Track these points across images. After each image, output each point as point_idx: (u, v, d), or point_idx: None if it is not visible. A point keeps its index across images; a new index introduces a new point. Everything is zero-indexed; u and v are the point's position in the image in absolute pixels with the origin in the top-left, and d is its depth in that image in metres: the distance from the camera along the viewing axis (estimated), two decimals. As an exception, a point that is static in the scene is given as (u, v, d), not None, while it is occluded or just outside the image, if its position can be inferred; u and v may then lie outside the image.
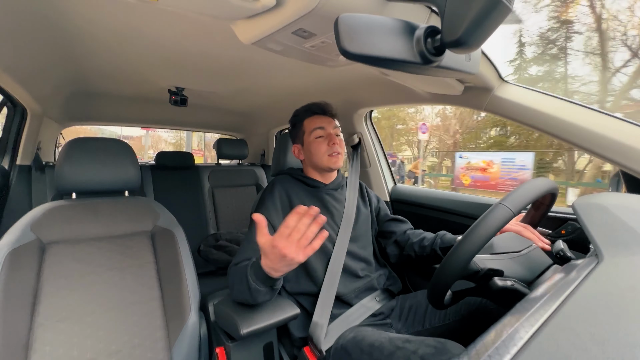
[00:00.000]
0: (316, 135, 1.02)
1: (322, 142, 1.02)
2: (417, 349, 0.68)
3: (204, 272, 1.63)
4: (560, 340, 0.32)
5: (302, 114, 1.08)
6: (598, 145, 0.73)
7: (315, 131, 1.02)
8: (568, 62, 10.63)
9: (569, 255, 0.65)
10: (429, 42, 0.45)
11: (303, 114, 1.07)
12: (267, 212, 0.95)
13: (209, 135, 10.02)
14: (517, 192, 0.63)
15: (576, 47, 10.07)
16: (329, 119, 1.05)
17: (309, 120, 1.05)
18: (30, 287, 0.76)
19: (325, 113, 1.06)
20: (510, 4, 0.37)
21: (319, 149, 1.01)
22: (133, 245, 0.92)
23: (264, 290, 0.74)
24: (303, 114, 1.07)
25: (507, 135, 11.97)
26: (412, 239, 1.06)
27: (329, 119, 1.05)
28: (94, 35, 0.95)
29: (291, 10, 0.57)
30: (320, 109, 1.06)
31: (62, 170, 0.88)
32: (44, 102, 1.38)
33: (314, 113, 1.06)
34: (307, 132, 1.04)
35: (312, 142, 1.03)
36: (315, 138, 1.02)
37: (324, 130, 1.02)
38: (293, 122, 1.11)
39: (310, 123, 1.05)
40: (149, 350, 0.81)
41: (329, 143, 1.01)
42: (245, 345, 0.85)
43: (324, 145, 1.01)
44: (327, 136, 1.02)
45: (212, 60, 1.16)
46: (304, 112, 1.07)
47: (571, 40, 10.28)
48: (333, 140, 1.01)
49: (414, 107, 13.73)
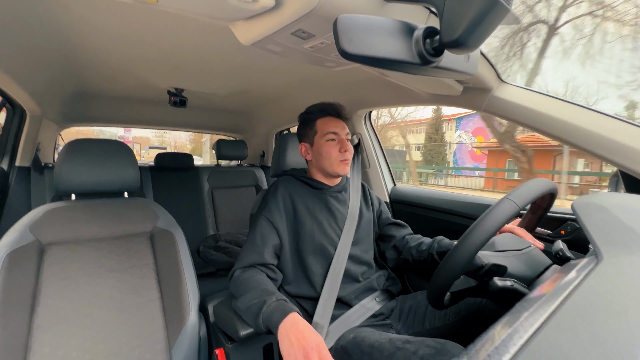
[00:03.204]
0: (328, 139, 1.00)
1: (335, 147, 0.99)
2: (417, 350, 0.68)
3: (203, 273, 1.63)
4: (559, 340, 0.32)
5: (316, 113, 1.04)
6: (597, 145, 0.73)
7: (329, 134, 1.00)
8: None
9: (569, 256, 0.65)
10: (428, 43, 0.45)
11: (317, 114, 1.04)
12: (270, 213, 0.95)
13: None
14: (523, 188, 0.64)
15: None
16: (342, 124, 1.03)
17: (323, 122, 1.02)
18: (29, 289, 0.76)
19: (339, 116, 1.03)
20: (508, 4, 0.37)
21: (331, 154, 0.99)
22: (132, 247, 0.92)
23: (264, 331, 0.73)
24: (317, 114, 1.04)
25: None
26: (410, 244, 1.06)
27: (342, 124, 1.03)
28: (93, 36, 0.95)
29: (290, 11, 0.57)
30: (335, 111, 1.03)
31: (61, 171, 0.88)
32: (43, 103, 1.38)
33: (328, 114, 1.03)
34: (319, 133, 1.01)
35: (324, 144, 1.00)
36: (327, 141, 1.00)
37: (337, 136, 1.00)
38: (304, 119, 1.07)
39: (324, 125, 1.01)
40: (148, 351, 0.81)
41: (341, 149, 0.99)
42: (245, 346, 0.85)
43: (335, 151, 0.99)
44: (340, 142, 1.00)
45: (212, 61, 1.16)
46: (319, 112, 1.04)
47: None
48: (345, 147, 0.99)
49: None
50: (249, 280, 0.82)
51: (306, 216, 0.97)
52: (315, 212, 0.98)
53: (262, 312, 0.72)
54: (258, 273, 0.86)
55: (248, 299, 0.77)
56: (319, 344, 0.62)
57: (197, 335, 0.87)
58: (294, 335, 0.64)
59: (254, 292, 0.78)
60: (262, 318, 0.72)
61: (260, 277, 0.84)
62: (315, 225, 0.97)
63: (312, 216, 0.97)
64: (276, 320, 0.68)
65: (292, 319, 0.68)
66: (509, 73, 6.78)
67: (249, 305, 0.76)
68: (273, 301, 0.73)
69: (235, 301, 0.82)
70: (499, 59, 6.80)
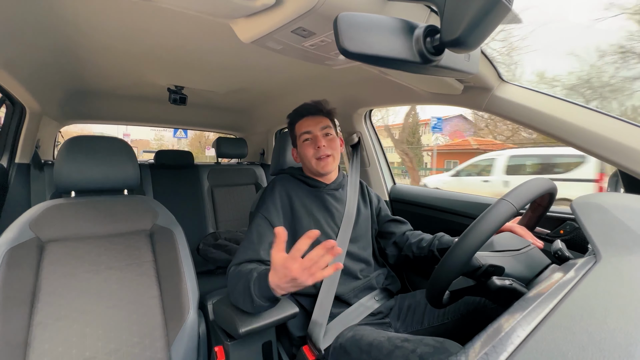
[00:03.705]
0: (304, 139, 1.01)
1: (309, 146, 1.00)
2: (415, 348, 0.68)
3: (203, 271, 1.63)
4: (557, 339, 0.32)
5: (293, 117, 1.06)
6: (597, 145, 0.73)
7: (303, 135, 1.01)
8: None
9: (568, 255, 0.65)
10: (429, 42, 0.45)
11: (294, 117, 1.06)
12: (268, 212, 0.95)
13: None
14: (520, 189, 0.64)
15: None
16: (317, 119, 1.02)
17: (299, 124, 1.04)
18: (29, 286, 0.76)
19: (313, 113, 1.03)
20: (509, 3, 0.37)
21: (306, 153, 1.00)
22: (132, 244, 0.92)
23: (266, 305, 0.74)
24: (294, 117, 1.06)
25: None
26: (410, 240, 1.06)
27: (317, 119, 1.02)
28: (93, 33, 0.95)
29: (291, 9, 0.57)
30: (307, 110, 1.03)
31: (61, 168, 0.88)
32: (43, 100, 1.37)
33: (302, 116, 1.04)
34: (297, 136, 1.03)
35: (301, 145, 1.02)
36: (303, 142, 1.01)
37: (310, 134, 1.01)
38: (288, 125, 1.09)
39: (299, 127, 1.03)
40: (147, 348, 0.81)
41: (315, 146, 0.99)
42: (244, 344, 0.85)
43: (310, 149, 1.00)
44: (314, 139, 1.00)
45: (212, 58, 1.16)
46: (295, 115, 1.06)
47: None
48: (319, 143, 0.99)
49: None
50: (239, 273, 0.82)
51: (303, 214, 0.97)
52: (313, 210, 0.99)
53: (253, 294, 0.72)
54: (250, 266, 0.87)
55: (239, 290, 0.78)
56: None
57: (197, 332, 0.88)
58: (283, 276, 0.65)
59: (243, 281, 0.78)
60: (255, 294, 0.72)
61: (249, 267, 0.84)
62: (312, 222, 0.97)
63: (309, 214, 0.98)
64: (265, 287, 0.69)
65: (272, 275, 0.69)
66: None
67: (241, 294, 0.77)
68: (255, 277, 0.74)
69: (230, 296, 0.82)
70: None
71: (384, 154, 1.64)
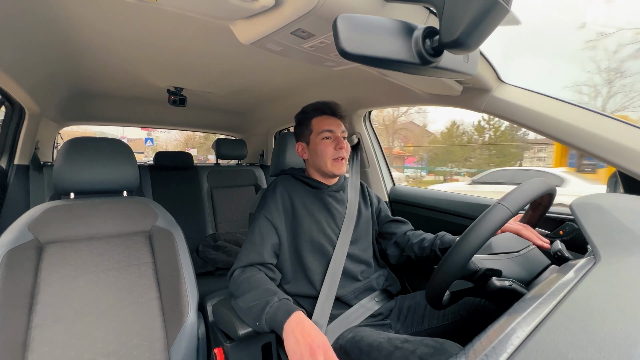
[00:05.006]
0: (324, 137, 1.00)
1: (329, 145, 0.99)
2: (415, 349, 0.68)
3: (202, 272, 1.63)
4: (557, 339, 0.32)
5: (311, 112, 1.05)
6: (596, 146, 0.73)
7: (324, 132, 1.00)
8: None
9: (567, 256, 0.65)
10: (427, 43, 0.45)
11: (312, 113, 1.04)
12: (269, 212, 0.95)
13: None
14: (516, 192, 0.63)
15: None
16: (338, 122, 1.02)
17: (318, 120, 1.02)
18: (28, 287, 0.76)
19: (335, 114, 1.03)
20: (507, 4, 0.37)
21: (325, 151, 0.99)
22: (131, 246, 0.92)
23: (267, 331, 0.73)
24: (312, 113, 1.04)
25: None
26: (412, 240, 1.06)
27: (338, 122, 1.02)
28: (93, 34, 0.95)
29: (290, 11, 0.57)
30: (330, 109, 1.03)
31: (60, 169, 0.87)
32: (42, 101, 1.37)
33: (323, 113, 1.03)
34: (314, 131, 1.02)
35: (319, 142, 1.00)
36: (322, 139, 1.00)
37: (332, 133, 1.00)
38: (300, 119, 1.07)
39: (319, 123, 1.02)
40: (147, 350, 0.81)
41: (336, 146, 0.99)
42: (244, 345, 0.85)
43: (330, 148, 0.99)
44: (335, 139, 1.00)
45: (211, 60, 1.16)
46: (313, 110, 1.04)
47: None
48: (340, 144, 0.99)
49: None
50: (249, 280, 0.82)
51: (304, 215, 0.97)
52: (314, 211, 0.98)
53: (265, 313, 0.72)
54: (258, 272, 0.86)
55: (249, 299, 0.77)
56: (325, 343, 0.62)
57: (196, 334, 0.87)
58: (300, 333, 0.64)
59: (256, 292, 0.78)
60: (265, 318, 0.71)
61: (260, 277, 0.84)
62: (313, 224, 0.97)
63: (310, 215, 0.97)
64: (281, 320, 0.68)
65: (297, 317, 0.68)
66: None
67: (250, 305, 0.76)
68: (276, 301, 0.73)
69: (235, 300, 0.82)
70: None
71: (383, 155, 1.64)
